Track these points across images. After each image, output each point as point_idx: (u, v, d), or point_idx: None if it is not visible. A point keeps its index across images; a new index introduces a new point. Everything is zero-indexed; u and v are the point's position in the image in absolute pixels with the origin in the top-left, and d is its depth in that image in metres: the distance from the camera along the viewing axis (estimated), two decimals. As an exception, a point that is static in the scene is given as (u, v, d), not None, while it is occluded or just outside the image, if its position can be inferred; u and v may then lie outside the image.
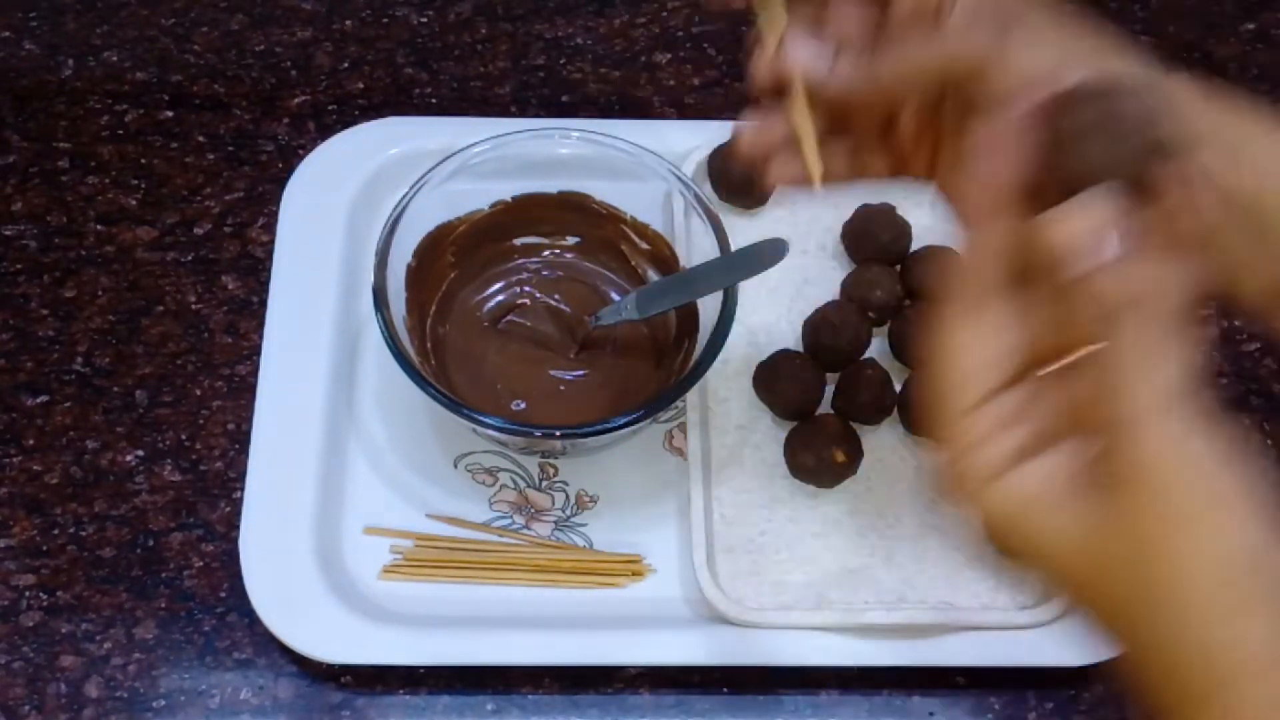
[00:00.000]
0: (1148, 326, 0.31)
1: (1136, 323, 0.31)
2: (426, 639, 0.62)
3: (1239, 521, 0.32)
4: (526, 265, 0.72)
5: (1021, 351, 0.34)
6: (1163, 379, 0.31)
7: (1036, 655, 0.63)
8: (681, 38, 0.85)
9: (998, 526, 0.35)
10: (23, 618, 0.65)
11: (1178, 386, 0.31)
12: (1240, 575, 0.31)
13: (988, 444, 0.34)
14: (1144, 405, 0.31)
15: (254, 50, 0.83)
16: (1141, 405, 0.31)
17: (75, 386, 0.71)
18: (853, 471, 0.67)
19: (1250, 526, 0.32)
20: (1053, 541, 0.33)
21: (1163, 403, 0.31)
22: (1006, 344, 0.34)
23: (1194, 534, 0.31)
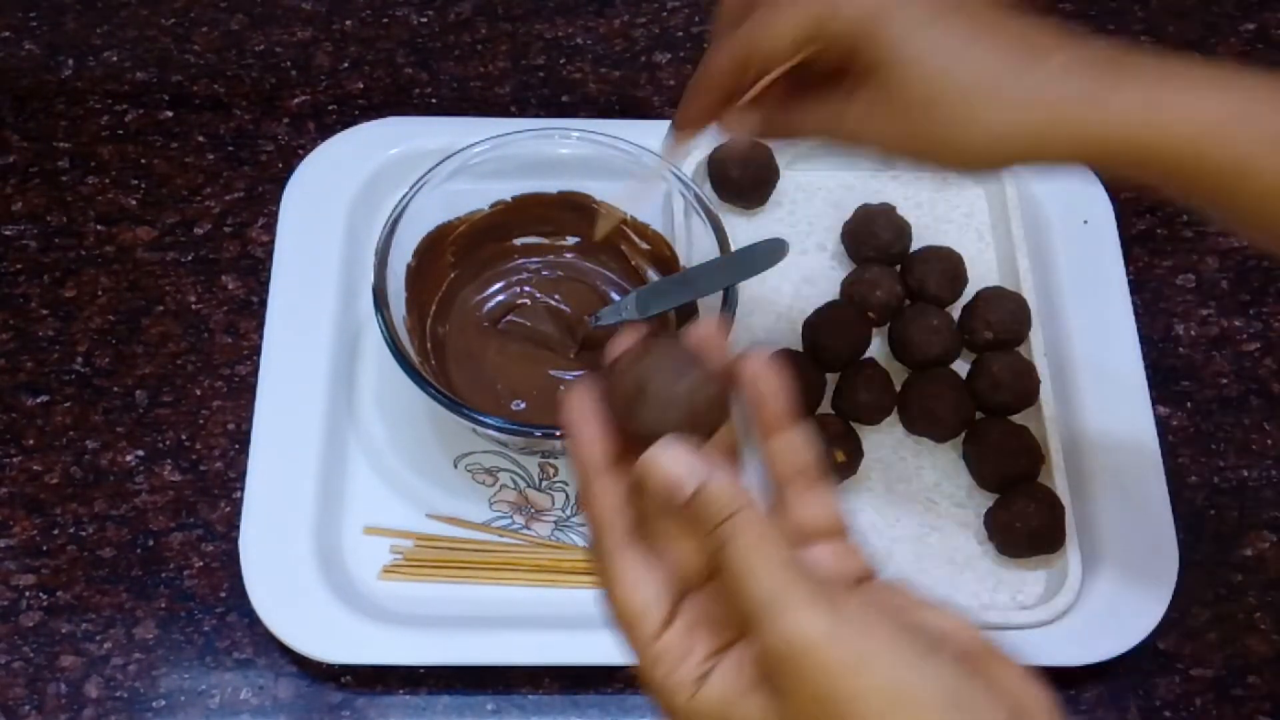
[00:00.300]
0: (746, 530, 0.36)
1: (738, 528, 0.36)
2: (426, 639, 0.62)
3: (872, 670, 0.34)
4: (526, 265, 0.72)
5: (677, 577, 0.39)
6: (773, 568, 0.35)
7: (1036, 655, 0.63)
8: (681, 38, 0.85)
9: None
10: (23, 618, 0.65)
11: (789, 573, 0.35)
12: (891, 707, 0.34)
13: (677, 665, 0.38)
14: (762, 598, 0.35)
15: (254, 50, 0.83)
16: (761, 597, 0.35)
17: (75, 386, 0.71)
18: (853, 471, 0.67)
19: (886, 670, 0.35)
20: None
21: (777, 597, 0.35)
22: (659, 577, 0.38)
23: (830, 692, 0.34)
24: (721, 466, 0.38)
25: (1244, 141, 0.43)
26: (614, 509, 0.39)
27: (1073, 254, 0.74)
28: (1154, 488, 0.67)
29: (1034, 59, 0.45)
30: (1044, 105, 0.45)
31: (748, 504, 0.37)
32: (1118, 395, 0.70)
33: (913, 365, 0.70)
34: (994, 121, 0.45)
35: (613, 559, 0.39)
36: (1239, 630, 0.67)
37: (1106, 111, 0.44)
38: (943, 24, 0.46)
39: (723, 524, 0.36)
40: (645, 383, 0.38)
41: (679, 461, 0.37)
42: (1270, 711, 0.65)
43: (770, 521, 0.37)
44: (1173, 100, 0.44)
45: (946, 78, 0.45)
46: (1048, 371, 0.69)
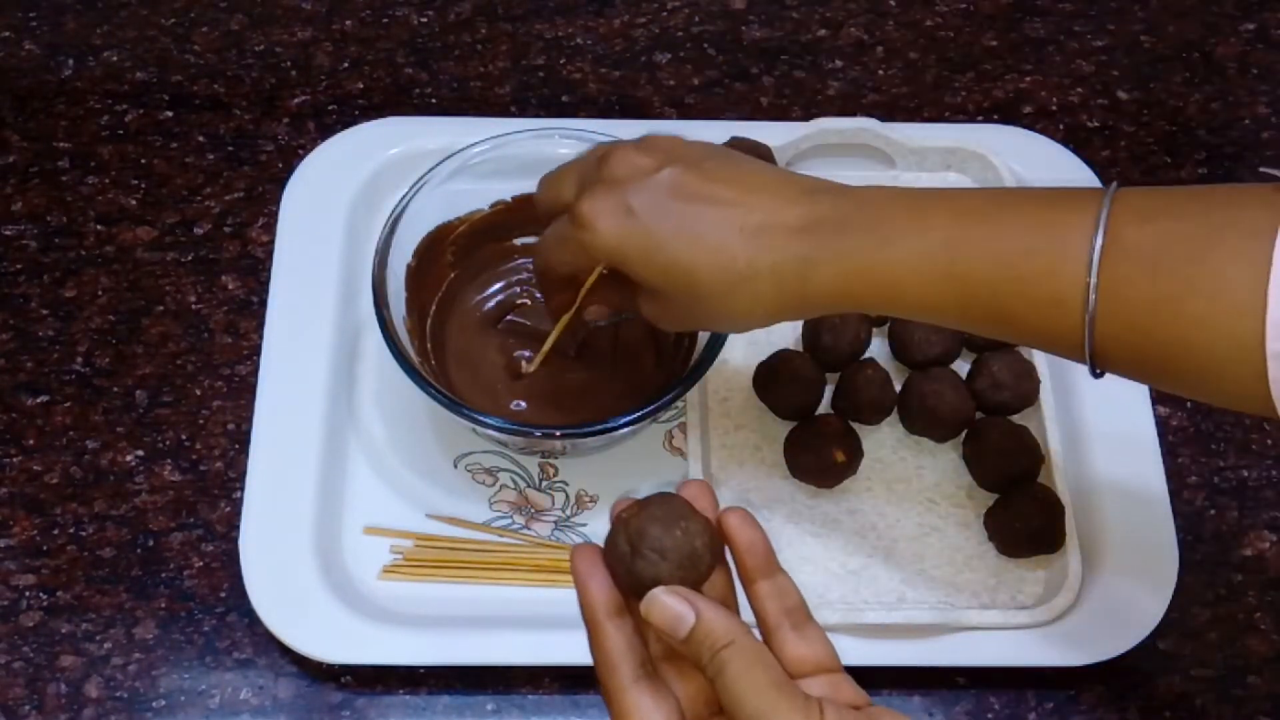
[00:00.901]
0: (739, 656, 0.41)
1: (731, 657, 0.41)
2: (426, 639, 0.62)
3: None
4: (526, 265, 0.72)
5: (684, 710, 0.43)
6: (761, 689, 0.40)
7: (1036, 655, 0.63)
8: (681, 38, 0.85)
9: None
10: (23, 618, 0.65)
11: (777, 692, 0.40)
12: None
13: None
14: (750, 715, 0.40)
15: (254, 50, 0.83)
16: (749, 715, 0.40)
17: (75, 386, 0.71)
18: (853, 471, 0.67)
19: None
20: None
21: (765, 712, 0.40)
22: (668, 707, 0.43)
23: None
24: (714, 605, 0.43)
25: (923, 290, 0.50)
26: (621, 652, 0.43)
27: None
28: (1154, 488, 0.67)
29: (751, 249, 0.52)
30: (769, 291, 0.52)
31: (740, 634, 0.42)
32: (1118, 395, 0.70)
33: (913, 365, 0.70)
34: (738, 308, 0.53)
35: (624, 695, 0.43)
36: (1239, 630, 0.67)
37: (817, 281, 0.51)
38: (670, 244, 0.52)
39: (718, 653, 0.41)
40: (642, 536, 0.43)
41: (676, 602, 0.42)
42: (1270, 711, 0.65)
43: (761, 648, 0.42)
44: (863, 264, 0.51)
45: (690, 288, 0.53)
46: (1048, 371, 0.69)
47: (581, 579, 0.44)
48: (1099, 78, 0.85)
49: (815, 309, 0.54)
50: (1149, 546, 0.66)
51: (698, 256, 0.52)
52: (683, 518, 0.44)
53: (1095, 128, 0.83)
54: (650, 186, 0.53)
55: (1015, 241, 0.48)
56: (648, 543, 0.43)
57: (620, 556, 0.44)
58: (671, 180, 0.53)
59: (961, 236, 0.49)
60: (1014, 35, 0.86)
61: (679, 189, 0.53)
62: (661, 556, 0.43)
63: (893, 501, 0.68)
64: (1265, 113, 0.84)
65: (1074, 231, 0.46)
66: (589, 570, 0.44)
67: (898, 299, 0.51)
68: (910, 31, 0.86)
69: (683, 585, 0.43)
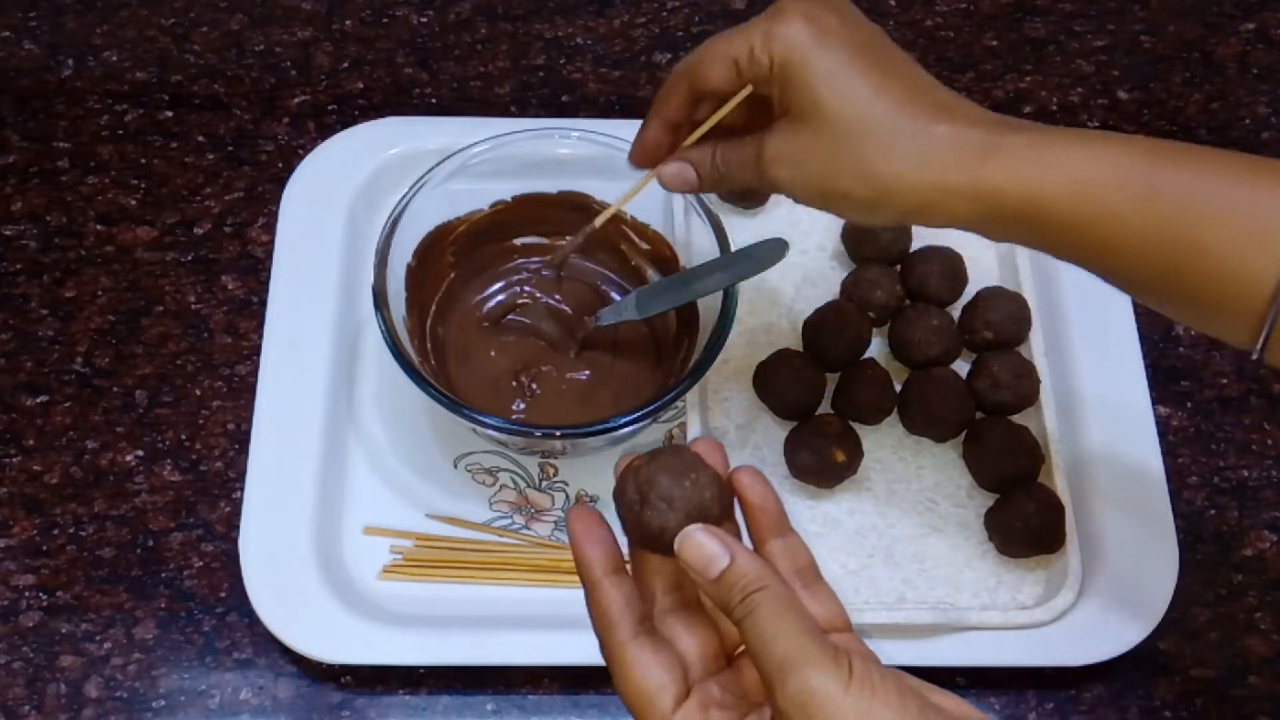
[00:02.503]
0: (772, 601, 0.40)
1: (764, 600, 0.40)
2: (426, 639, 0.62)
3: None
4: (526, 265, 0.72)
5: (687, 664, 0.43)
6: (795, 633, 0.40)
7: (1036, 655, 0.63)
8: (681, 38, 0.85)
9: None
10: (23, 618, 0.65)
11: (808, 638, 0.40)
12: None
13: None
14: (782, 658, 0.39)
15: (254, 50, 0.83)
16: (781, 658, 0.39)
17: (75, 386, 0.71)
18: (853, 471, 0.67)
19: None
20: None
21: (796, 656, 0.39)
22: (670, 661, 0.43)
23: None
24: (747, 548, 0.42)
25: (1114, 197, 0.46)
26: (619, 608, 0.43)
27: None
28: (1154, 487, 0.67)
29: (937, 112, 0.49)
30: (945, 152, 0.48)
31: (774, 580, 0.41)
32: (1118, 395, 0.70)
33: (913, 365, 0.70)
34: (900, 164, 0.48)
35: (624, 650, 0.43)
36: (1239, 630, 0.67)
37: (998, 161, 0.47)
38: (858, 69, 0.49)
39: (751, 595, 0.40)
40: (652, 485, 0.43)
41: (712, 540, 0.42)
42: (1270, 711, 0.65)
43: (794, 596, 0.41)
44: (1053, 156, 0.47)
45: (861, 120, 0.49)
46: (1048, 371, 0.69)
47: (578, 539, 0.44)
48: (1099, 78, 0.85)
49: (982, 205, 0.48)
50: (1149, 546, 0.66)
51: (886, 86, 0.48)
52: (692, 469, 0.43)
53: (1095, 128, 0.83)
54: (858, 18, 0.50)
55: (1224, 186, 0.45)
56: (657, 492, 0.43)
57: (629, 505, 0.43)
58: (877, 29, 0.50)
59: (1169, 158, 0.46)
60: (1014, 35, 0.86)
61: (882, 37, 0.50)
62: (670, 506, 0.42)
63: (893, 501, 0.68)
64: (1265, 113, 0.84)
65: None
66: (585, 531, 0.44)
67: (1082, 214, 0.46)
68: (910, 31, 0.86)
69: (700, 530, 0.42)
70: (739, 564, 0.41)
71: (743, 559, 0.41)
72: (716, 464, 0.45)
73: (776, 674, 0.39)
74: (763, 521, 0.45)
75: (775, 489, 0.45)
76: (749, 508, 0.45)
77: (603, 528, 0.45)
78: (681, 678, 0.43)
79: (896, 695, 0.39)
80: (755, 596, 0.40)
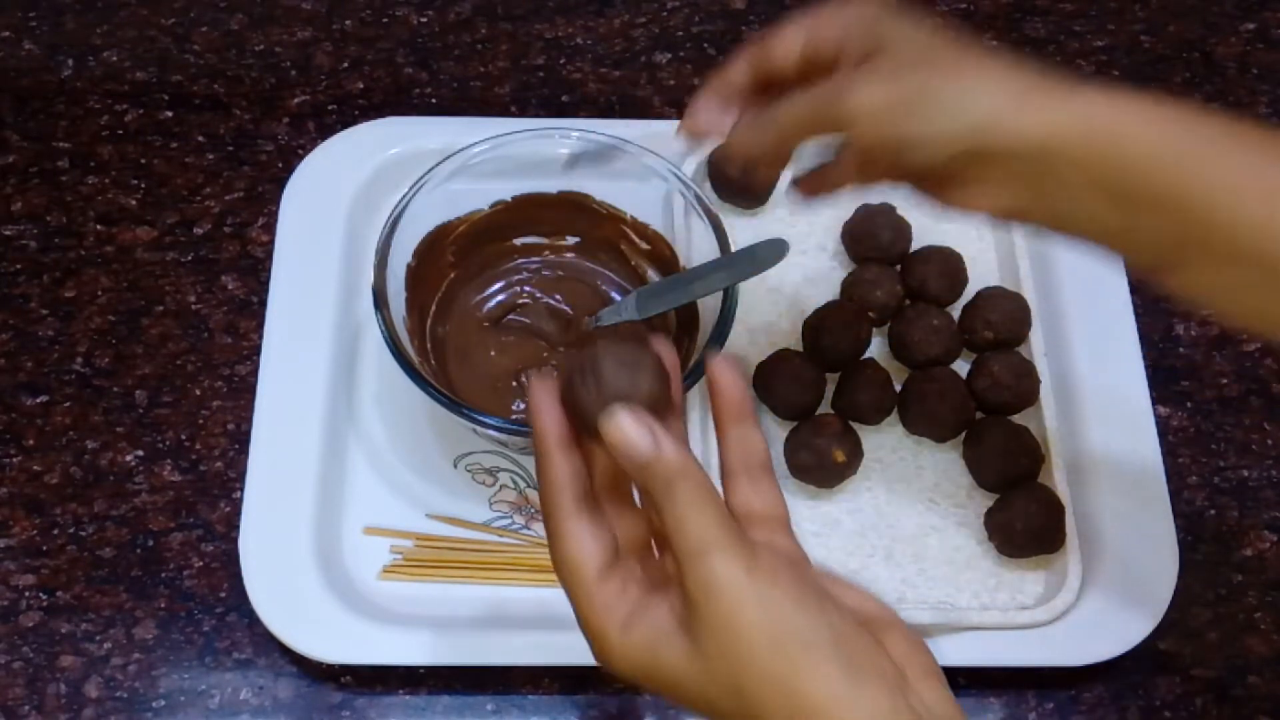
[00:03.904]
0: (690, 489, 0.42)
1: (682, 487, 0.42)
2: (426, 639, 0.62)
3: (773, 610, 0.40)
4: (526, 265, 0.72)
5: (617, 541, 0.45)
6: (706, 523, 0.41)
7: (1036, 655, 0.63)
8: (681, 38, 0.85)
9: (635, 669, 0.43)
10: (23, 618, 0.65)
11: (719, 527, 0.41)
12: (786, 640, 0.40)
13: (611, 608, 0.43)
14: (693, 542, 0.41)
15: (254, 50, 0.83)
16: (692, 542, 0.41)
17: (75, 386, 0.71)
18: (853, 471, 0.67)
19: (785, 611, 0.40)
20: (673, 668, 0.42)
21: (706, 543, 0.41)
22: (600, 535, 0.44)
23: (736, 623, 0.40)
24: (672, 436, 0.43)
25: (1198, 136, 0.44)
26: (565, 481, 0.44)
27: (1073, 254, 0.74)
28: (1154, 488, 0.67)
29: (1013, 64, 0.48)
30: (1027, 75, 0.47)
31: (693, 468, 0.42)
32: (1118, 395, 0.70)
33: (913, 365, 0.70)
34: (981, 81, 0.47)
35: (560, 521, 0.44)
36: (1239, 630, 0.67)
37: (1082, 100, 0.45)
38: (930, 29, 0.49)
39: (670, 481, 0.42)
40: (593, 363, 0.43)
41: (635, 424, 0.43)
42: (1270, 711, 0.65)
43: (712, 487, 0.42)
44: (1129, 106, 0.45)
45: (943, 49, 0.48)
46: (1048, 371, 0.69)
47: (534, 408, 0.45)
48: (1099, 78, 0.85)
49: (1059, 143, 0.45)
50: (1149, 546, 0.66)
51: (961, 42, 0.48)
52: (637, 357, 0.44)
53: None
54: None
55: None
56: (594, 371, 0.43)
57: (567, 379, 0.44)
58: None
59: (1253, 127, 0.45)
60: (1014, 35, 0.86)
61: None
62: (600, 387, 0.43)
63: (893, 501, 0.68)
64: (1265, 113, 0.84)
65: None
66: (543, 402, 0.45)
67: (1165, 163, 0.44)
68: (910, 31, 0.86)
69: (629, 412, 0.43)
70: (661, 450, 0.42)
71: (665, 445, 0.42)
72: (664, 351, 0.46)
73: (686, 559, 0.41)
74: (724, 409, 0.46)
75: (745, 383, 0.46)
76: (714, 393, 0.46)
77: (559, 400, 0.45)
78: (610, 552, 0.44)
79: (797, 588, 0.41)
80: (676, 483, 0.42)
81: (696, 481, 0.42)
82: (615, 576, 0.44)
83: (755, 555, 0.41)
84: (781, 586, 0.40)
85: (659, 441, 0.42)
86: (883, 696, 0.40)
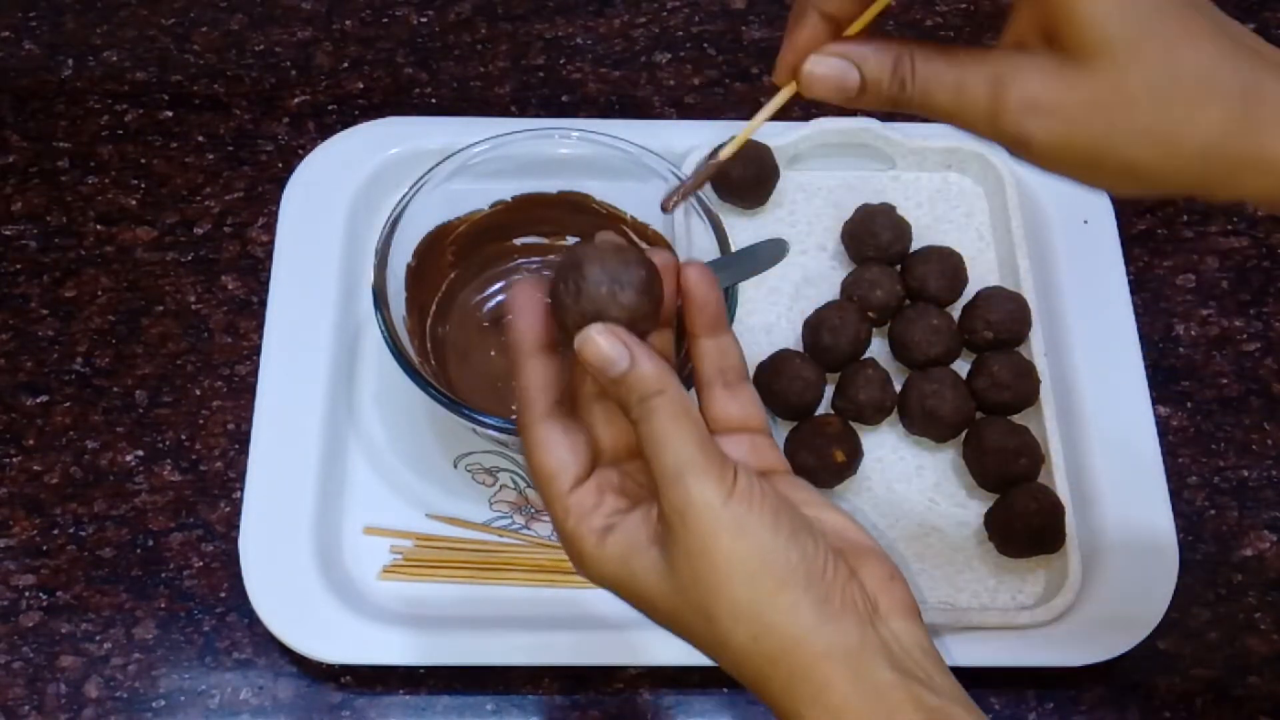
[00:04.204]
0: (667, 407, 0.41)
1: (659, 404, 0.41)
2: (426, 639, 0.62)
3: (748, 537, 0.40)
4: (526, 265, 0.72)
5: (595, 449, 0.44)
6: (684, 441, 0.40)
7: (1036, 655, 0.63)
8: (681, 38, 0.85)
9: (608, 579, 0.43)
10: (23, 618, 0.65)
11: (698, 448, 0.40)
12: (758, 571, 0.40)
13: (587, 516, 0.43)
14: (670, 463, 0.40)
15: (254, 50, 0.83)
16: (669, 463, 0.40)
17: (75, 386, 0.71)
18: (853, 471, 0.67)
19: (760, 539, 0.40)
20: (646, 584, 0.42)
21: (683, 464, 0.40)
22: (577, 443, 0.43)
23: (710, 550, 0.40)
24: (649, 351, 0.42)
25: None
26: (540, 387, 0.44)
27: (1073, 254, 0.74)
28: (1154, 488, 0.67)
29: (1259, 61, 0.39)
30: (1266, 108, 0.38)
31: (672, 385, 0.41)
32: (1118, 395, 0.70)
33: (913, 365, 0.70)
34: (1217, 127, 0.38)
35: (535, 428, 0.43)
36: (1239, 630, 0.67)
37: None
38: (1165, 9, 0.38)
39: (647, 400, 0.41)
40: (581, 274, 0.42)
41: (614, 341, 0.41)
42: (1270, 711, 0.65)
43: (690, 405, 0.41)
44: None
45: (1172, 67, 0.37)
46: (1048, 371, 0.69)
47: (516, 310, 0.44)
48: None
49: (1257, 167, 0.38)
50: (1149, 546, 0.66)
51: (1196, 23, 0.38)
52: (627, 263, 0.42)
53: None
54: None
55: None
56: (576, 277, 0.42)
57: (556, 291, 0.42)
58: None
59: None
60: (1014, 35, 0.86)
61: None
62: (579, 297, 0.42)
63: (893, 501, 0.68)
64: (1265, 113, 0.84)
65: None
66: (524, 304, 0.44)
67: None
68: (910, 31, 0.86)
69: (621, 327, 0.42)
70: (638, 366, 0.41)
71: (642, 361, 0.41)
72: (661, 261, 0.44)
73: (662, 480, 0.40)
74: (698, 318, 0.45)
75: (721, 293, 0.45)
76: (687, 302, 0.45)
77: (543, 303, 0.44)
78: (586, 461, 0.43)
79: (772, 513, 0.40)
80: (652, 401, 0.41)
81: (673, 399, 0.41)
82: (592, 484, 0.43)
83: (732, 479, 0.40)
84: (757, 512, 0.40)
85: (635, 356, 0.41)
86: (852, 629, 0.40)
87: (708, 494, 0.40)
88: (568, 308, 0.42)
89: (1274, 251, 0.78)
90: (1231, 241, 0.78)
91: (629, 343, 0.41)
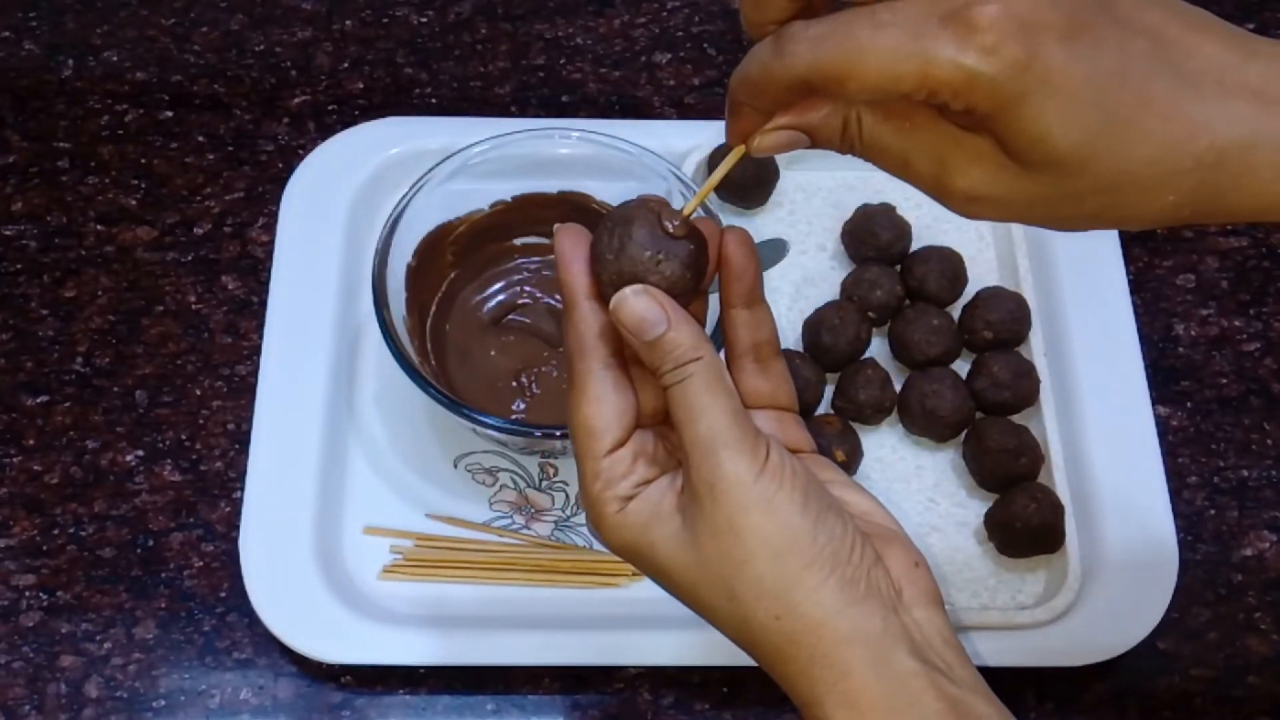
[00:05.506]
0: (703, 375, 0.40)
1: (694, 372, 0.40)
2: (426, 639, 0.62)
3: (776, 514, 0.39)
4: (526, 265, 0.72)
5: (638, 410, 0.43)
6: (718, 413, 0.40)
7: (1036, 655, 0.63)
8: (681, 38, 0.85)
9: (626, 546, 0.42)
10: (23, 618, 0.65)
11: (731, 420, 0.40)
12: (786, 551, 0.39)
13: (615, 482, 0.42)
14: (702, 435, 0.40)
15: (254, 50, 0.83)
16: (701, 434, 0.40)
17: (75, 386, 0.71)
18: (853, 471, 0.67)
19: (788, 517, 0.40)
20: (666, 554, 0.41)
21: (715, 436, 0.39)
22: (624, 402, 0.42)
23: (739, 527, 0.40)
24: (687, 317, 0.41)
25: None
26: (595, 335, 0.42)
27: (1073, 254, 0.74)
28: (1154, 487, 0.67)
29: (1198, 91, 0.39)
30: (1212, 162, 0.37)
31: (709, 353, 0.40)
32: (1118, 395, 0.70)
33: (913, 365, 0.70)
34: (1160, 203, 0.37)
35: (588, 379, 0.42)
36: (1239, 630, 0.67)
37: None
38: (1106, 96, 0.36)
39: (683, 365, 0.40)
40: (628, 235, 0.41)
41: (648, 304, 0.40)
42: (1270, 711, 0.65)
43: (726, 374, 0.41)
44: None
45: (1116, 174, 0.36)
46: (1048, 371, 0.69)
47: (563, 257, 0.42)
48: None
49: (1234, 212, 0.38)
50: (1149, 546, 0.66)
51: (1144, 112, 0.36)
52: (674, 229, 0.41)
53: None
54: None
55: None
56: (631, 240, 0.41)
57: (598, 244, 0.41)
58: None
59: None
60: (1014, 35, 0.86)
61: (1110, 6, 0.36)
62: (640, 259, 0.40)
63: (893, 501, 0.68)
64: (1265, 113, 0.84)
65: None
66: (572, 250, 0.42)
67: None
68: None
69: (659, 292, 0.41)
70: (674, 332, 0.40)
71: (679, 328, 0.40)
72: (712, 236, 0.43)
73: (693, 451, 0.40)
74: (734, 287, 0.44)
75: (759, 263, 0.44)
76: (725, 270, 0.44)
77: (587, 252, 0.42)
78: (630, 425, 0.42)
79: (802, 492, 0.40)
80: (687, 368, 0.40)
81: (709, 366, 0.40)
82: (628, 450, 0.42)
83: (765, 455, 0.40)
84: (787, 490, 0.39)
85: (672, 322, 0.40)
86: (876, 615, 0.39)
87: (739, 469, 0.39)
88: (607, 263, 0.41)
89: (1274, 251, 0.78)
90: (1231, 241, 0.78)
91: (665, 304, 0.40)
